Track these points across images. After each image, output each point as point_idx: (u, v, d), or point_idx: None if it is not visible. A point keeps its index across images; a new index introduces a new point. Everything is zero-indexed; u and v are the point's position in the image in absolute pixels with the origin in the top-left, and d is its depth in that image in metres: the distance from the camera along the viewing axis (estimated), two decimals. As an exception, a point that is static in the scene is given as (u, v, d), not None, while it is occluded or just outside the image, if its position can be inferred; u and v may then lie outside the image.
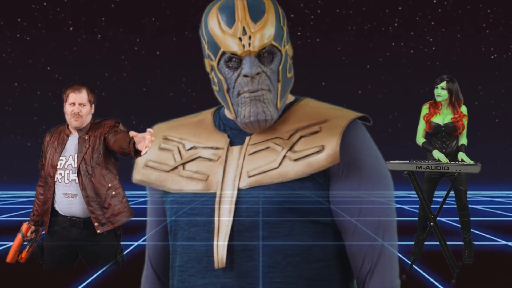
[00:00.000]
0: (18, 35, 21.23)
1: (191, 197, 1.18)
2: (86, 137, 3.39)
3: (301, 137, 1.16)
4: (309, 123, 1.17)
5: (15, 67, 21.26)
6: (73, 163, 3.37)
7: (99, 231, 3.34)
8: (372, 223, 1.14)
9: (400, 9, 21.10)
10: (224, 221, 1.13)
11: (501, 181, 17.09)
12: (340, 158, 1.13)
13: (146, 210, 1.32)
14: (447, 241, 4.71)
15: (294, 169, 1.13)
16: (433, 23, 20.90)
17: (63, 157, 3.39)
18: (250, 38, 1.12)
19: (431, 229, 4.63)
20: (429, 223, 4.66)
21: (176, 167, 1.22)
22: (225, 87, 1.16)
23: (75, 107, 3.35)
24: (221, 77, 1.16)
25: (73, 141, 3.42)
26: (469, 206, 5.29)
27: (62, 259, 3.48)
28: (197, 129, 1.26)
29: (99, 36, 21.49)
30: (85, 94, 3.38)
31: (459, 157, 4.98)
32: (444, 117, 5.13)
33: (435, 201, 5.41)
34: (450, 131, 5.12)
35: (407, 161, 4.67)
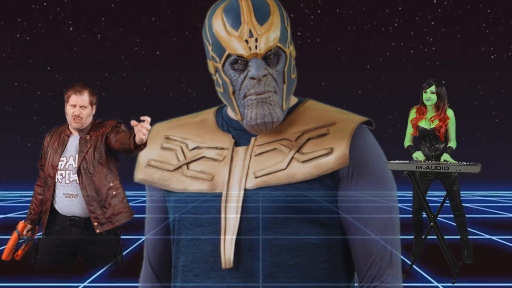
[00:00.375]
0: (18, 35, 21.21)
1: (196, 197, 1.18)
2: (87, 137, 3.38)
3: (309, 139, 1.16)
4: (317, 125, 1.17)
5: (15, 67, 21.24)
6: (73, 164, 3.37)
7: (98, 230, 3.34)
8: (379, 227, 1.15)
9: (400, 9, 21.10)
10: (230, 221, 1.13)
11: (501, 181, 17.09)
12: (349, 161, 1.13)
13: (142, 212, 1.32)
14: (447, 241, 4.71)
15: (302, 170, 1.13)
16: (433, 23, 20.89)
17: (63, 157, 3.39)
18: (256, 40, 1.12)
19: (431, 229, 4.64)
20: (429, 223, 4.67)
21: (180, 167, 1.21)
22: (231, 89, 1.16)
23: (76, 109, 3.35)
24: (226, 79, 1.16)
25: (74, 141, 3.42)
26: (464, 205, 5.30)
27: (60, 259, 3.48)
28: (199, 129, 1.25)
29: (99, 36, 21.47)
30: (86, 96, 3.37)
31: (442, 158, 4.94)
32: (430, 122, 5.13)
33: (434, 201, 5.40)
34: (436, 137, 5.12)
35: (407, 161, 4.68)
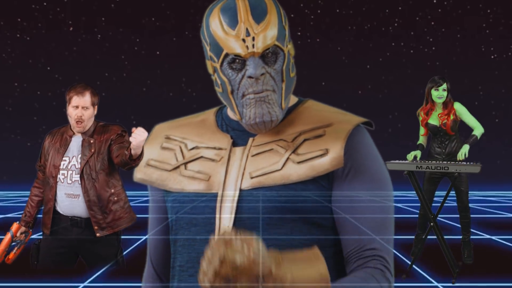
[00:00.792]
0: (18, 35, 21.21)
1: (192, 197, 1.18)
2: (91, 141, 3.37)
3: (305, 140, 1.16)
4: (314, 126, 1.17)
5: (15, 67, 21.24)
6: (76, 164, 3.36)
7: (98, 234, 3.34)
8: (373, 226, 1.13)
9: (400, 9, 21.10)
10: (225, 221, 1.13)
11: (501, 181, 17.08)
12: (344, 161, 1.13)
13: (146, 209, 1.32)
14: (447, 241, 4.71)
15: (297, 171, 1.13)
16: (433, 23, 20.89)
17: (66, 157, 3.38)
18: (253, 39, 1.12)
19: (431, 229, 4.64)
20: (429, 222, 4.67)
21: (178, 167, 1.22)
22: (229, 88, 1.16)
23: (78, 110, 3.34)
24: (225, 78, 1.16)
25: (76, 142, 3.41)
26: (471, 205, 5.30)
27: (62, 260, 3.47)
28: (199, 129, 1.25)
29: (99, 36, 21.47)
30: (88, 97, 3.37)
31: (461, 150, 4.92)
32: (439, 117, 5.14)
33: (436, 201, 5.40)
34: (445, 132, 5.13)
35: (407, 161, 4.68)
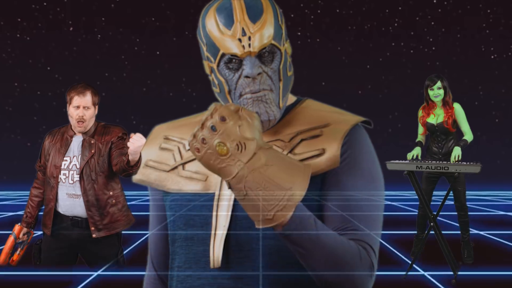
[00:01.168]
0: (18, 35, 21.23)
1: (190, 197, 1.18)
2: (92, 141, 3.37)
3: (302, 140, 1.15)
4: (311, 126, 1.17)
5: (15, 67, 21.27)
6: (77, 164, 3.36)
7: (94, 235, 3.34)
8: (358, 217, 1.12)
9: (400, 9, 21.11)
10: (221, 221, 1.13)
11: (501, 181, 17.09)
12: (339, 159, 1.12)
13: (145, 208, 1.32)
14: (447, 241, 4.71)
15: None
16: (433, 23, 20.91)
17: (67, 157, 3.38)
18: (249, 38, 1.11)
19: (431, 229, 4.64)
20: (429, 222, 4.66)
21: (175, 167, 1.22)
22: (226, 88, 1.15)
23: (79, 110, 3.33)
24: (222, 79, 1.15)
25: (77, 142, 3.41)
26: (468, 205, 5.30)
27: (62, 260, 3.47)
28: None
29: (99, 36, 21.49)
30: (89, 97, 3.36)
31: (453, 152, 4.95)
32: (437, 116, 5.15)
33: (434, 201, 5.40)
34: (444, 131, 5.13)
35: (407, 161, 4.67)
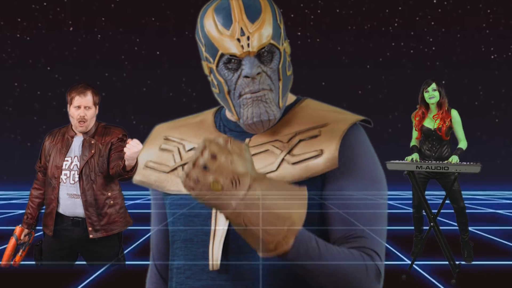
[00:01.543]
0: (18, 35, 21.25)
1: (189, 199, 1.17)
2: (92, 142, 3.37)
3: (300, 141, 1.14)
4: (309, 126, 1.16)
5: (15, 67, 21.28)
6: (78, 164, 3.36)
7: (91, 236, 3.33)
8: (360, 221, 1.10)
9: (400, 9, 21.12)
10: (220, 223, 1.12)
11: (501, 181, 17.09)
12: (338, 160, 1.11)
13: (141, 212, 1.31)
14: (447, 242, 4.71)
15: (291, 172, 1.11)
16: (433, 23, 20.91)
17: (68, 157, 3.38)
18: (248, 38, 1.11)
19: (431, 229, 4.64)
20: (429, 222, 4.66)
21: (175, 168, 1.21)
22: (226, 89, 1.15)
23: (80, 110, 3.33)
24: (221, 79, 1.15)
25: (78, 142, 3.40)
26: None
27: (63, 260, 3.47)
28: (197, 129, 1.25)
29: (99, 36, 21.50)
30: (90, 97, 3.36)
31: (451, 160, 4.90)
32: (434, 121, 5.13)
33: (429, 200, 5.40)
34: (439, 136, 5.12)
35: (407, 161, 4.67)
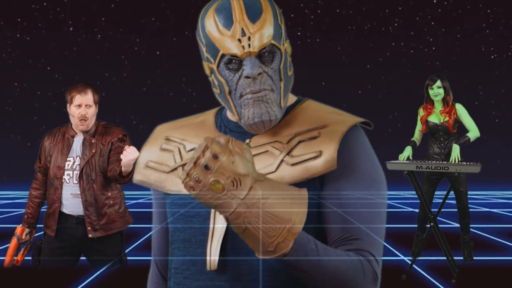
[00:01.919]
0: (18, 35, 21.25)
1: (189, 199, 1.17)
2: (93, 141, 3.37)
3: (299, 142, 1.14)
4: (309, 127, 1.16)
5: (15, 67, 21.28)
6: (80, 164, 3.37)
7: (90, 235, 3.33)
8: (358, 222, 1.10)
9: (400, 9, 21.13)
10: (219, 223, 1.12)
11: (501, 181, 17.09)
12: (337, 161, 1.11)
13: (143, 211, 1.31)
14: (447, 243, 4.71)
15: (290, 173, 1.11)
16: (433, 23, 20.92)
17: (70, 157, 3.38)
18: (249, 39, 1.11)
19: (431, 229, 4.64)
20: (429, 223, 4.66)
21: (175, 168, 1.21)
22: (227, 89, 1.15)
23: (81, 108, 3.33)
24: (222, 79, 1.15)
25: (79, 142, 3.40)
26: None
27: (66, 260, 3.46)
28: (198, 130, 1.24)
29: (99, 36, 21.51)
30: (90, 95, 3.36)
31: (452, 152, 4.89)
32: (439, 116, 5.14)
33: (436, 202, 5.40)
34: (446, 130, 5.12)
35: (407, 161, 4.67)
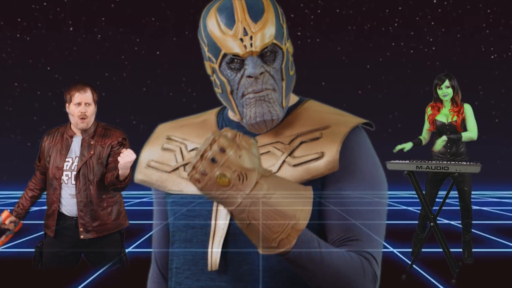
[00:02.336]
0: (18, 35, 21.24)
1: (190, 199, 1.17)
2: (92, 142, 3.36)
3: (301, 143, 1.14)
4: (311, 128, 1.16)
5: (15, 67, 21.27)
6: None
7: (82, 236, 3.33)
8: (359, 226, 1.10)
9: (400, 9, 21.12)
10: (220, 223, 1.12)
11: (501, 181, 17.09)
12: (339, 163, 1.11)
13: (143, 211, 1.31)
14: (447, 242, 4.71)
15: (292, 174, 1.11)
16: (433, 23, 20.92)
17: (69, 158, 3.38)
18: (251, 38, 1.11)
19: (431, 229, 4.64)
20: (429, 223, 4.66)
21: (177, 168, 1.21)
22: (229, 89, 1.15)
23: (81, 107, 3.33)
24: (224, 79, 1.14)
25: (77, 142, 3.40)
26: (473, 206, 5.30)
27: (66, 260, 3.47)
28: (200, 129, 1.24)
29: (99, 36, 21.49)
30: (90, 93, 3.37)
31: (439, 140, 5.06)
32: (448, 115, 5.15)
33: (438, 202, 5.38)
34: (454, 130, 5.13)
35: (407, 161, 4.67)
